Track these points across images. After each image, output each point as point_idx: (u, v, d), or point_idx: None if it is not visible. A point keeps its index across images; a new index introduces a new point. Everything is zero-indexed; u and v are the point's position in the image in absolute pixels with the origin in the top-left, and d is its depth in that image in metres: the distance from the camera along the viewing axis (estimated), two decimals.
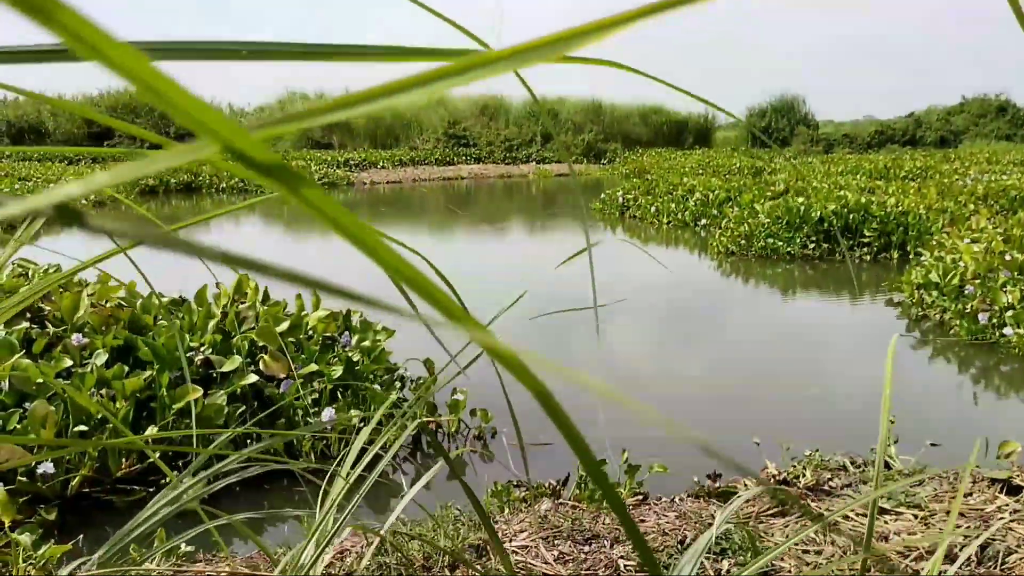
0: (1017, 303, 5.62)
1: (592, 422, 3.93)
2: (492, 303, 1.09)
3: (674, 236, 12.18)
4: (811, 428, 4.13)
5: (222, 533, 3.12)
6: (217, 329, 4.19)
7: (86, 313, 4.19)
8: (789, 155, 30.31)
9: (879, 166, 19.89)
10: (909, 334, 6.21)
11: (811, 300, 7.93)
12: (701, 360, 5.67)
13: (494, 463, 3.89)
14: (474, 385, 4.26)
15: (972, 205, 10.87)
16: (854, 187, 12.95)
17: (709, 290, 8.37)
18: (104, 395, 3.61)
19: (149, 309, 4.34)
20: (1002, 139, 37.35)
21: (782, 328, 6.74)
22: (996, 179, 14.06)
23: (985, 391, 4.96)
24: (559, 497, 3.20)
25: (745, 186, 13.95)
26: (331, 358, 4.22)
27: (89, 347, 3.90)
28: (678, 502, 3.15)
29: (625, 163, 31.26)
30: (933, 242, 8.11)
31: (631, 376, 5.23)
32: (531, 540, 2.76)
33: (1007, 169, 18.38)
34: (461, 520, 2.95)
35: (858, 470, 3.39)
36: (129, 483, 3.46)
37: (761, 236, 9.86)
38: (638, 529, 0.29)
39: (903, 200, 10.40)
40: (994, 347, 5.57)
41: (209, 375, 3.98)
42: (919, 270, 6.85)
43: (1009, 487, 3.03)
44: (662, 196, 14.12)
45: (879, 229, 9.53)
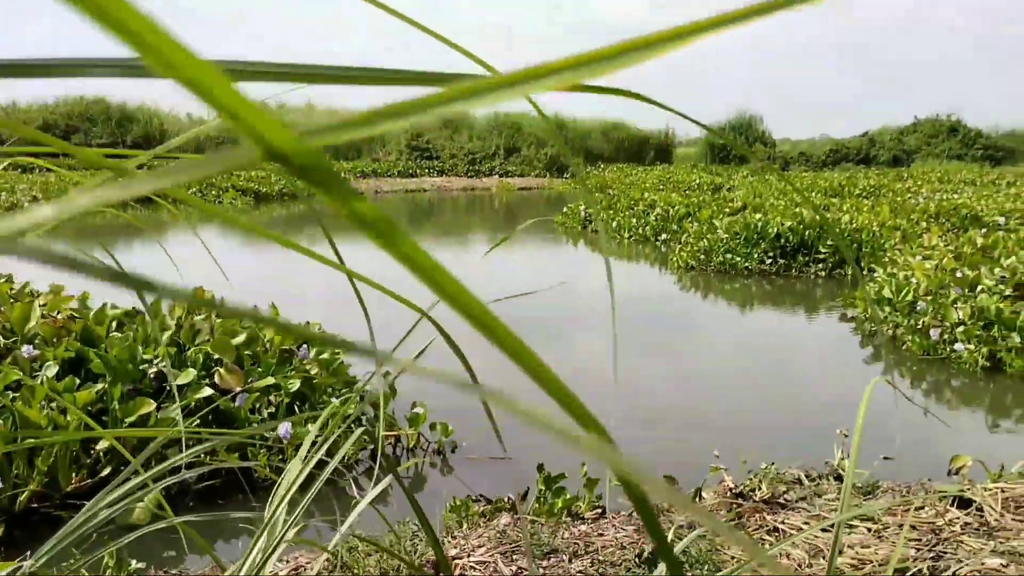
0: (967, 319, 5.74)
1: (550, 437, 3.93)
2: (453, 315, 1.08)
3: (635, 251, 12.27)
4: (767, 441, 4.17)
5: (174, 548, 3.06)
6: (171, 341, 4.13)
7: (37, 324, 4.10)
8: (746, 173, 30.73)
9: (834, 184, 20.24)
10: (864, 350, 6.31)
11: (768, 314, 8.03)
12: (660, 372, 5.70)
13: (453, 477, 3.87)
14: (433, 398, 4.24)
15: (924, 223, 11.10)
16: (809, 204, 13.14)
17: (669, 304, 8.43)
18: (55, 408, 3.53)
19: (102, 320, 4.26)
20: (953, 159, 38.23)
21: (739, 342, 6.81)
22: (947, 198, 14.38)
23: (936, 406, 5.05)
24: (518, 512, 3.19)
25: (704, 202, 14.11)
26: (288, 371, 4.18)
27: (40, 359, 3.82)
28: (636, 516, 3.15)
29: (587, 178, 31.45)
30: (886, 259, 8.26)
31: (591, 388, 5.24)
32: (489, 555, 2.75)
33: (958, 188, 18.81)
34: (419, 536, 2.92)
35: (812, 483, 3.42)
36: (79, 498, 3.38)
37: (720, 251, 9.97)
38: (665, 537, 0.29)
39: (857, 217, 10.59)
40: (945, 362, 5.68)
41: (162, 388, 3.92)
42: (872, 286, 6.97)
43: (960, 501, 3.09)
44: (623, 211, 14.24)
45: (834, 245, 9.70)
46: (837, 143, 41.66)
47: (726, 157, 40.65)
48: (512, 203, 24.48)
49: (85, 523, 1.02)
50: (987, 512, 2.94)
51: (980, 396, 5.18)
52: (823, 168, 37.42)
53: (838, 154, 40.41)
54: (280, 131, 0.18)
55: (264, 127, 0.18)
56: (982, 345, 5.52)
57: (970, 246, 7.64)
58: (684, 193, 17.64)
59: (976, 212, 11.70)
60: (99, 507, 0.94)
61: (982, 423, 4.76)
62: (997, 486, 3.15)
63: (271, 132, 0.18)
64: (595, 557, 2.75)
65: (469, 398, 1.57)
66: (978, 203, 12.63)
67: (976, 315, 5.74)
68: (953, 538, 2.77)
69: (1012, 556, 2.61)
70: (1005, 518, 2.90)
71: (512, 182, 31.67)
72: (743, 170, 33.58)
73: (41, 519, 3.30)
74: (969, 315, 5.76)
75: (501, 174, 35.32)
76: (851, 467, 0.95)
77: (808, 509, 3.12)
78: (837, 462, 3.65)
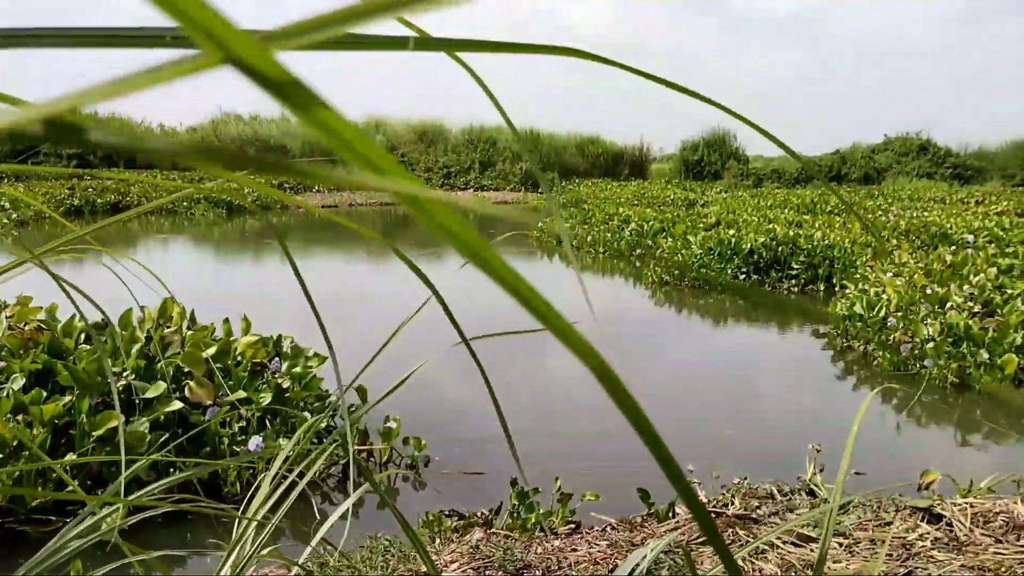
0: (937, 335, 5.80)
1: (526, 451, 3.92)
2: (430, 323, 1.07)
3: (610, 265, 12.31)
4: (740, 456, 4.18)
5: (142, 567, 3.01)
6: (141, 354, 4.07)
7: (3, 335, 4.03)
8: (719, 189, 30.98)
9: (806, 201, 20.44)
10: (836, 365, 6.35)
11: (741, 330, 8.07)
12: (633, 387, 5.70)
13: (426, 492, 3.84)
14: (406, 412, 4.22)
15: (895, 240, 11.23)
16: (782, 220, 13.28)
17: (643, 319, 8.46)
18: (21, 421, 3.46)
19: (70, 332, 4.20)
20: (923, 177, 38.73)
21: (712, 357, 6.84)
22: (917, 215, 14.57)
23: (907, 421, 5.10)
24: (491, 527, 3.17)
25: (679, 217, 14.19)
26: (260, 384, 4.14)
27: (6, 371, 3.75)
28: (610, 531, 3.15)
29: (562, 192, 31.56)
30: (857, 275, 8.34)
31: (564, 403, 5.24)
32: (462, 571, 2.73)
33: (928, 206, 19.06)
34: (391, 551, 2.90)
35: (785, 498, 3.44)
36: (44, 513, 3.32)
37: (694, 267, 10.03)
38: (725, 545, 0.28)
39: (829, 234, 10.70)
40: (916, 378, 5.73)
41: (131, 401, 3.86)
42: (843, 302, 7.04)
43: (930, 516, 3.11)
44: (598, 226, 14.28)
45: (806, 261, 9.78)
46: (809, 160, 42.10)
47: (700, 173, 40.92)
48: (487, 217, 24.47)
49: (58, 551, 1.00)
50: (956, 527, 2.97)
51: (949, 412, 5.24)
52: (796, 185, 37.79)
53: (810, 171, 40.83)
54: (243, 39, 0.16)
55: (225, 33, 0.16)
56: (951, 361, 5.59)
57: (940, 263, 7.74)
58: (659, 208, 17.73)
59: (945, 230, 11.86)
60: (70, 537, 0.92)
61: (951, 438, 4.81)
62: (966, 501, 3.18)
63: (233, 39, 0.16)
64: (568, 572, 2.73)
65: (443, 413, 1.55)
66: (947, 221, 12.81)
67: (945, 331, 5.81)
68: (923, 553, 2.79)
69: (981, 571, 2.63)
70: (974, 533, 2.92)
71: (488, 196, 31.69)
72: (717, 186, 33.83)
73: (4, 535, 3.23)
74: (939, 331, 5.83)
75: (476, 188, 35.33)
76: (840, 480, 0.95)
77: (780, 524, 3.13)
78: (809, 477, 3.67)
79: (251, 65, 0.17)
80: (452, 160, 37.44)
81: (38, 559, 0.94)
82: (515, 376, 5.82)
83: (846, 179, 40.28)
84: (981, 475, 3.52)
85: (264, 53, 0.16)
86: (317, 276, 10.28)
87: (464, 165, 37.26)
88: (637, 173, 42.12)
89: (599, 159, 41.58)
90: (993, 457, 4.44)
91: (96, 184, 23.09)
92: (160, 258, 13.57)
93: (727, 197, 23.66)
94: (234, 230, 18.30)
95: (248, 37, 0.16)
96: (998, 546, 2.82)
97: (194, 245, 15.67)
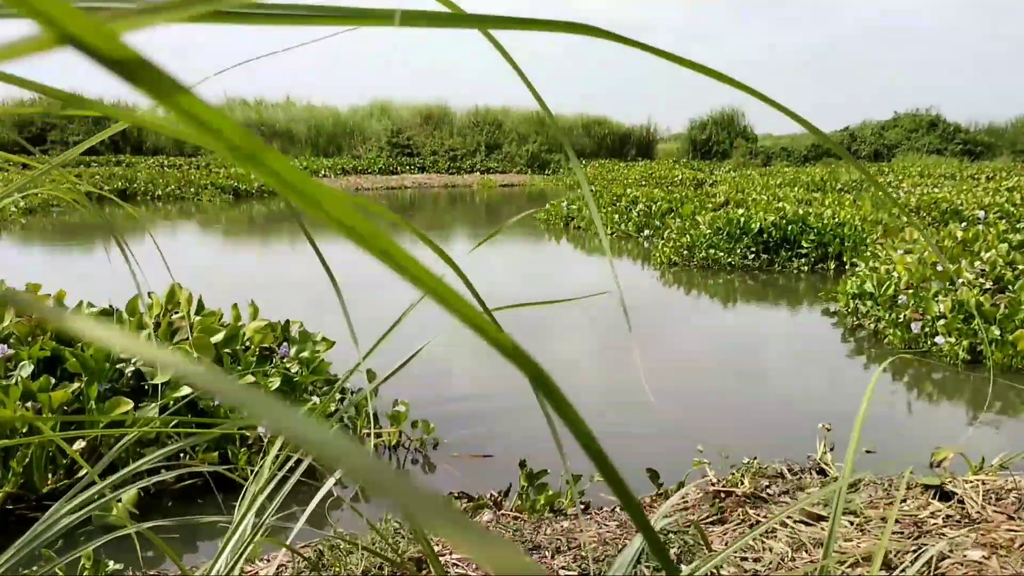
0: (948, 312, 5.77)
1: (538, 431, 3.92)
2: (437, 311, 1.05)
3: (618, 246, 12.27)
4: (750, 435, 4.17)
5: (152, 548, 3.02)
6: (149, 340, 4.07)
7: (11, 323, 4.04)
8: (728, 168, 30.83)
9: (816, 179, 20.32)
10: (846, 343, 6.33)
11: (751, 309, 8.04)
12: (644, 368, 5.70)
13: (435, 475, 3.85)
14: (415, 395, 4.22)
15: (905, 217, 11.15)
16: (792, 199, 13.21)
17: (652, 299, 8.43)
18: (30, 408, 3.47)
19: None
20: (933, 153, 38.48)
21: (722, 337, 6.82)
22: (928, 192, 14.47)
23: (918, 399, 5.07)
24: (500, 508, 3.17)
25: (687, 197, 14.13)
26: (268, 369, 4.14)
27: (14, 358, 3.76)
28: (619, 511, 3.14)
29: (569, 174, 31.46)
30: (868, 253, 8.30)
31: (572, 382, 5.23)
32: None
33: (938, 182, 18.93)
34: (401, 533, 2.90)
35: (795, 477, 3.42)
36: (55, 499, 3.33)
37: (703, 247, 9.98)
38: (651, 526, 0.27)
39: (839, 212, 10.63)
40: (926, 356, 5.70)
41: (141, 387, 3.87)
42: (854, 280, 6.99)
43: (941, 493, 3.09)
44: (606, 207, 14.23)
45: (816, 240, 9.72)
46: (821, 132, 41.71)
47: (708, 152, 40.73)
48: (494, 200, 24.45)
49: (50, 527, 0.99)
50: (968, 504, 2.95)
51: (961, 389, 5.21)
52: (805, 163, 37.58)
53: (819, 149, 40.60)
54: (82, 18, 0.15)
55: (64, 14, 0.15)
56: (963, 338, 5.55)
57: (950, 240, 7.68)
58: (666, 189, 17.65)
59: (956, 206, 11.77)
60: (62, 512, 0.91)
61: (963, 416, 4.79)
62: (978, 478, 3.16)
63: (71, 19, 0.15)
64: (578, 553, 2.73)
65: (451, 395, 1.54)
66: (958, 197, 12.71)
67: (957, 308, 5.77)
68: (935, 530, 2.78)
69: (993, 548, 2.61)
70: (986, 510, 2.91)
71: (493, 179, 31.59)
72: (725, 165, 33.68)
73: (16, 520, 3.25)
74: (950, 308, 5.79)
75: (482, 171, 35.22)
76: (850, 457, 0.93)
77: (791, 503, 3.12)
78: (819, 456, 3.65)
79: (92, 46, 0.15)
80: (458, 143, 37.34)
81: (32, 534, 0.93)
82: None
83: (856, 156, 40.00)
84: (992, 452, 3.50)
85: (106, 32, 0.15)
86: (331, 258, 10.29)
87: (470, 148, 37.16)
88: (644, 153, 41.96)
89: (606, 140, 41.42)
90: (1005, 434, 4.41)
91: (103, 171, 23.13)
92: (168, 244, 13.59)
93: (736, 176, 23.54)
94: (241, 216, 18.31)
95: (83, 15, 0.15)
96: (1010, 523, 2.80)
97: (201, 230, 15.68)
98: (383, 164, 34.13)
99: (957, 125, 40.98)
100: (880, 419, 4.62)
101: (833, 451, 3.72)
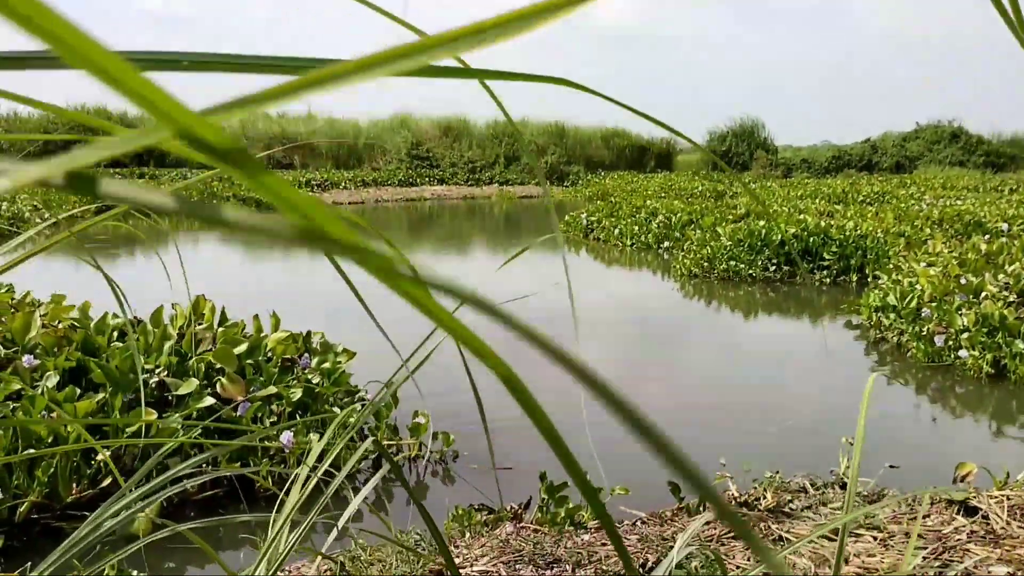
0: (972, 326, 5.71)
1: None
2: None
3: (638, 258, 12.25)
4: (772, 449, 4.15)
5: (173, 559, 3.04)
6: (173, 351, 4.11)
7: (38, 334, 4.09)
8: (748, 179, 30.70)
9: (837, 190, 20.21)
10: (868, 358, 6.28)
11: (772, 322, 8.00)
12: (664, 380, 5.68)
13: (455, 486, 3.85)
14: (435, 407, 4.23)
15: (928, 229, 11.07)
16: (813, 211, 13.15)
17: (673, 312, 8.41)
18: (56, 415, 3.51)
19: (103, 330, 4.25)
20: (955, 165, 38.19)
21: (744, 349, 6.79)
22: (951, 204, 14.36)
23: (942, 413, 5.03)
24: (521, 521, 3.17)
25: (707, 209, 14.10)
26: (290, 380, 4.16)
27: (40, 369, 3.80)
28: (639, 525, 3.13)
29: (588, 185, 31.45)
30: (890, 266, 8.24)
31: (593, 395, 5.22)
32: (492, 565, 2.73)
33: (961, 194, 18.79)
34: (421, 544, 2.90)
35: (818, 492, 3.40)
36: (79, 509, 3.36)
37: (723, 259, 9.94)
38: (620, 538, 0.28)
39: (861, 224, 10.57)
40: (950, 369, 5.65)
41: (164, 398, 3.90)
42: (876, 293, 6.95)
43: (966, 508, 3.06)
44: (625, 218, 14.22)
45: (838, 252, 9.67)
46: (839, 149, 41.62)
47: (728, 164, 40.59)
48: (512, 212, 24.48)
49: (90, 534, 1.01)
50: (993, 520, 2.92)
51: (985, 403, 5.16)
52: (826, 175, 37.40)
53: (840, 160, 40.40)
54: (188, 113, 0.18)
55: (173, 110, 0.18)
56: (986, 352, 5.50)
57: (974, 252, 7.61)
58: (686, 200, 17.62)
59: (979, 218, 11.67)
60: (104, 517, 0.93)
61: (987, 430, 4.74)
62: (1003, 493, 3.12)
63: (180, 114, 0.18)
64: (599, 567, 2.72)
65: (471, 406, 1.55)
66: (981, 209, 12.61)
67: (980, 321, 5.72)
68: (959, 546, 2.75)
69: (1019, 564, 2.58)
70: (1011, 526, 2.87)
71: (512, 190, 31.66)
72: (745, 177, 33.54)
73: (41, 530, 3.28)
74: (973, 321, 5.74)
75: (501, 182, 35.28)
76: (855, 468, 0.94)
77: (814, 518, 3.10)
78: (842, 470, 3.63)
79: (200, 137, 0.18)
80: (477, 155, 37.44)
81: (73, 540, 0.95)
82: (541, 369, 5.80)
83: (877, 168, 39.80)
84: (1017, 467, 3.45)
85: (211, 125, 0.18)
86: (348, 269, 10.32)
87: (489, 160, 37.25)
88: (664, 165, 41.90)
89: (625, 151, 41.41)
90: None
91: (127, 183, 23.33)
92: (190, 256, 13.70)
93: (756, 188, 23.44)
94: None
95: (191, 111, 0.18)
96: None
97: (223, 242, 15.80)
98: (403, 176, 34.27)
99: (979, 136, 40.67)
100: (903, 433, 4.58)
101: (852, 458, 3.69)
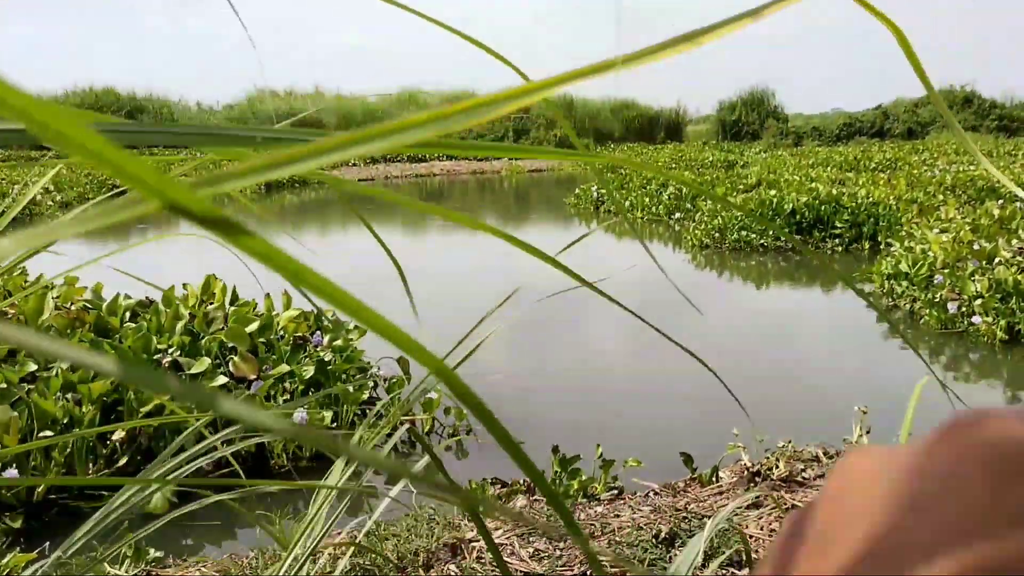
0: (985, 292, 5.67)
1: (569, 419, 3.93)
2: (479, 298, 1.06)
3: (649, 230, 12.21)
4: (785, 418, 4.14)
5: (191, 537, 3.07)
6: (185, 331, 4.13)
7: (51, 316, 4.11)
8: (759, 149, 30.49)
9: (849, 158, 20.04)
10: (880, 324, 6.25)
11: (784, 291, 7.97)
12: (676, 350, 5.66)
13: (468, 461, 3.87)
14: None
15: (941, 196, 10.98)
16: (825, 179, 13.05)
17: (685, 282, 8.39)
18: (70, 399, 3.54)
19: (115, 311, 4.27)
20: (968, 130, 37.78)
21: (756, 319, 6.77)
22: (963, 170, 14.23)
23: (955, 380, 5.01)
24: (533, 494, 3.18)
25: (718, 179, 14.00)
26: (302, 358, 4.18)
27: None
28: (652, 496, 3.14)
29: (597, 157, 31.28)
30: (903, 232, 8.18)
31: (607, 367, 5.23)
32: (506, 538, 2.74)
33: (974, 160, 18.58)
34: (436, 520, 2.92)
35: (831, 460, 3.40)
36: (96, 489, 3.39)
37: (734, 229, 9.89)
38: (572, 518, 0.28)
39: (873, 191, 10.48)
40: (963, 336, 5.62)
41: (177, 377, 3.92)
42: (889, 260, 6.90)
43: None
44: (636, 190, 14.15)
45: (850, 220, 9.60)
46: (851, 116, 41.25)
47: (738, 133, 40.30)
48: (522, 185, 24.40)
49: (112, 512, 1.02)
50: None
51: (999, 369, 5.13)
52: (837, 142, 37.09)
53: (852, 128, 40.05)
54: (177, 188, 0.19)
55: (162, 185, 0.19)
56: (1000, 318, 5.46)
57: (987, 218, 7.54)
58: (697, 171, 17.52)
59: (993, 184, 11.56)
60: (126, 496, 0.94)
61: (1000, 396, 4.72)
62: None
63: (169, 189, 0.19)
64: (612, 538, 2.74)
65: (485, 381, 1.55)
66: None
67: (994, 287, 5.68)
68: None
69: None
70: None
71: (522, 164, 31.54)
72: (756, 146, 33.31)
73: (59, 510, 3.31)
74: (987, 287, 5.70)
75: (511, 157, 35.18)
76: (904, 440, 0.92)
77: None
78: (856, 439, 3.62)
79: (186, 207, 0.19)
80: (486, 129, 37.27)
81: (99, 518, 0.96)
82: (558, 342, 5.81)
83: (889, 134, 39.44)
84: None
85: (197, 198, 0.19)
86: (357, 250, 10.32)
87: (498, 134, 37.12)
88: (673, 136, 41.65)
89: (634, 123, 41.17)
90: None
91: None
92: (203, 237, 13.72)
93: (767, 157, 23.27)
94: (272, 206, 18.45)
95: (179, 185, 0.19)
96: None
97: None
98: (412, 151, 34.19)
99: (993, 101, 40.19)
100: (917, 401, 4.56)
101: (869, 434, 3.68)
